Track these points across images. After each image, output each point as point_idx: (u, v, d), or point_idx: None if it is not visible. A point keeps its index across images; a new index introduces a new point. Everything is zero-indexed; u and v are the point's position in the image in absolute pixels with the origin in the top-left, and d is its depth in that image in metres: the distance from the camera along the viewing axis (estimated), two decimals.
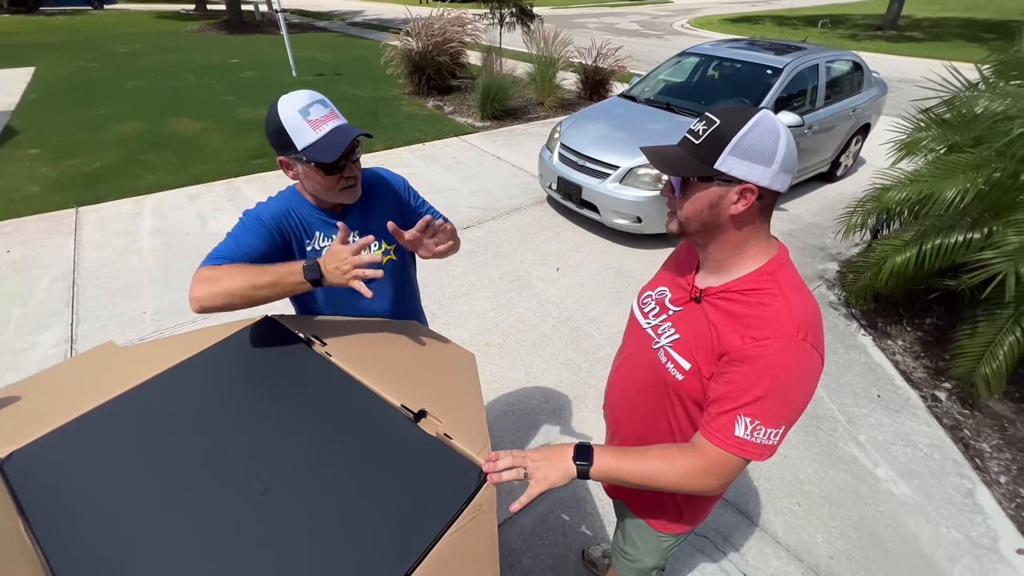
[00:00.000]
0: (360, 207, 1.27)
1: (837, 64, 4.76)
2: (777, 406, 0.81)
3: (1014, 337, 2.18)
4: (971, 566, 1.90)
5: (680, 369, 0.93)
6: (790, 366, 0.80)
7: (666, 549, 1.24)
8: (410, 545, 0.76)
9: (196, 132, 6.23)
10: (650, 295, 1.09)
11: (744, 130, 0.79)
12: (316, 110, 1.07)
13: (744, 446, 0.82)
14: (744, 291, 0.88)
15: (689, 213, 0.88)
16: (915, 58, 11.64)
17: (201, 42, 12.84)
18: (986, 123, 2.47)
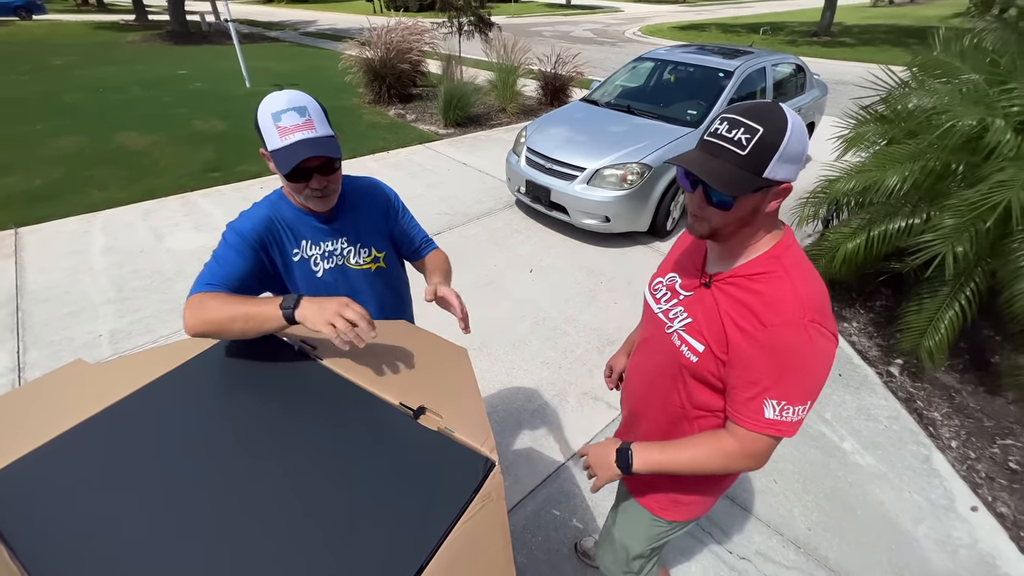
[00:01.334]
0: (350, 213, 1.27)
1: (782, 67, 5.05)
2: (799, 385, 0.86)
3: (953, 312, 2.37)
4: (933, 526, 2.04)
5: (694, 351, 0.97)
6: (803, 348, 0.84)
7: (656, 536, 1.26)
8: (423, 538, 0.76)
9: (146, 146, 5.95)
10: (661, 281, 1.12)
11: (787, 136, 0.78)
12: (288, 118, 1.05)
13: (776, 425, 0.87)
14: (751, 275, 0.90)
15: (730, 221, 0.87)
16: (848, 62, 12.47)
17: (144, 53, 12.28)
18: (919, 118, 2.69)
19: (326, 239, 1.25)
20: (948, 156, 2.48)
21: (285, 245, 1.22)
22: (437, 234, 4.16)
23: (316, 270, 1.25)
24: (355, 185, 1.31)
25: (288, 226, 1.22)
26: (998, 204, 2.10)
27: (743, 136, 0.80)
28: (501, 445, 2.33)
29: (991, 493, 2.18)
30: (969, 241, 2.24)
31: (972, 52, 2.74)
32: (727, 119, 0.83)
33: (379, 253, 1.32)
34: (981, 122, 2.32)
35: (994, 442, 2.40)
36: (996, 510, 2.11)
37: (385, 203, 1.34)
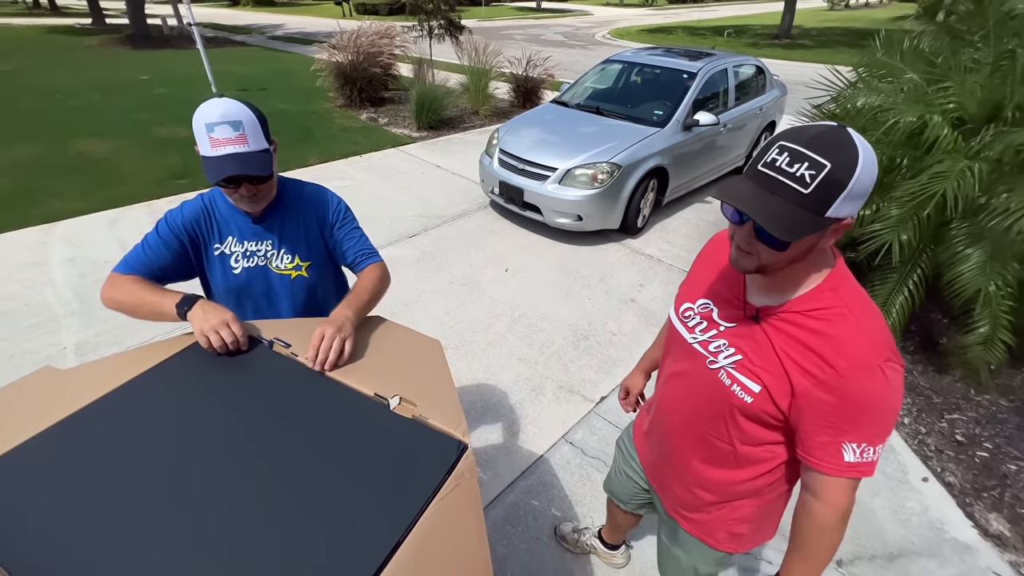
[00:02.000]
0: (280, 215, 1.29)
1: (743, 68, 5.25)
2: (877, 427, 0.82)
3: (903, 296, 2.53)
4: (888, 497, 2.17)
5: (748, 392, 0.90)
6: (879, 390, 0.80)
7: (721, 560, 1.23)
8: (400, 516, 0.80)
9: (107, 153, 5.77)
10: (691, 307, 1.04)
11: (857, 172, 0.70)
12: (221, 131, 1.07)
13: (857, 467, 0.83)
14: (808, 312, 0.84)
15: (781, 259, 0.80)
16: (807, 63, 12.97)
17: (103, 58, 11.87)
18: (867, 115, 2.85)
19: (251, 238, 1.28)
20: (893, 151, 2.64)
21: (208, 238, 1.27)
22: (412, 236, 4.17)
23: (235, 267, 1.29)
24: (298, 191, 1.32)
25: (218, 220, 1.27)
26: (935, 194, 2.26)
27: (807, 172, 0.70)
28: (480, 440, 2.37)
29: (940, 464, 2.33)
30: (913, 229, 2.40)
31: (911, 53, 2.93)
32: (788, 149, 0.72)
33: (303, 262, 1.33)
34: (920, 119, 2.48)
35: (942, 417, 2.56)
36: (944, 480, 2.26)
37: (323, 212, 1.33)
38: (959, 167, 2.25)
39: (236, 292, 1.31)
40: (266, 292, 1.33)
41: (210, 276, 1.30)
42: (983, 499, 2.17)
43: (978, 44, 2.68)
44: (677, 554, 1.28)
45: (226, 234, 1.27)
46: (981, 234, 2.34)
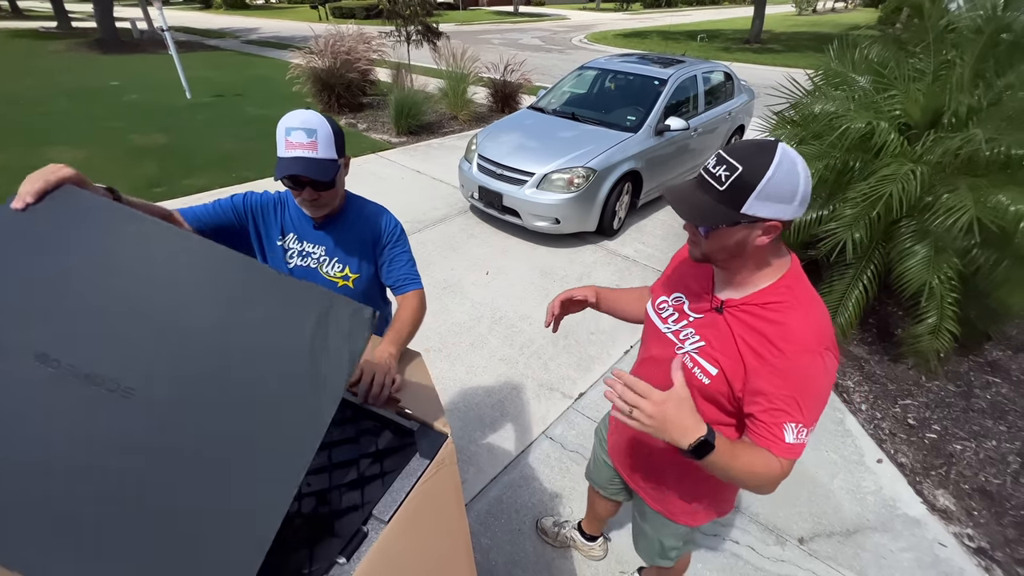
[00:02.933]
0: (340, 227, 1.39)
1: (712, 74, 5.45)
2: (812, 408, 0.91)
3: (859, 291, 2.71)
4: (846, 478, 2.33)
5: (707, 374, 1.00)
6: (818, 375, 0.89)
7: (684, 535, 1.33)
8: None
9: (79, 162, 5.67)
10: (666, 300, 1.15)
11: (767, 176, 0.81)
12: (296, 136, 1.17)
13: (794, 449, 0.90)
14: (765, 304, 0.94)
15: (715, 248, 0.93)
16: (776, 67, 13.42)
17: (71, 63, 11.59)
18: (823, 121, 3.03)
19: (310, 241, 1.40)
20: (846, 155, 2.82)
21: (272, 228, 1.39)
22: None
23: (289, 262, 1.40)
24: (361, 208, 1.43)
25: (289, 215, 1.39)
26: (883, 195, 2.43)
27: (723, 172, 0.85)
28: (464, 438, 2.45)
29: (893, 447, 2.50)
30: (865, 228, 2.58)
31: (862, 62, 3.12)
32: (718, 155, 0.88)
33: (352, 273, 1.42)
34: (869, 125, 2.67)
35: (896, 403, 2.74)
36: (897, 461, 2.43)
37: (378, 232, 1.41)
38: (904, 170, 2.43)
39: None
40: None
41: (267, 261, 1.41)
42: (931, 477, 2.34)
43: (919, 55, 2.89)
44: (646, 529, 1.40)
45: (289, 230, 1.39)
46: (926, 231, 2.53)
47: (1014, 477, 2.34)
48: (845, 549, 2.04)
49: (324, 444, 0.97)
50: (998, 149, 2.36)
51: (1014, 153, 2.38)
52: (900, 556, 2.02)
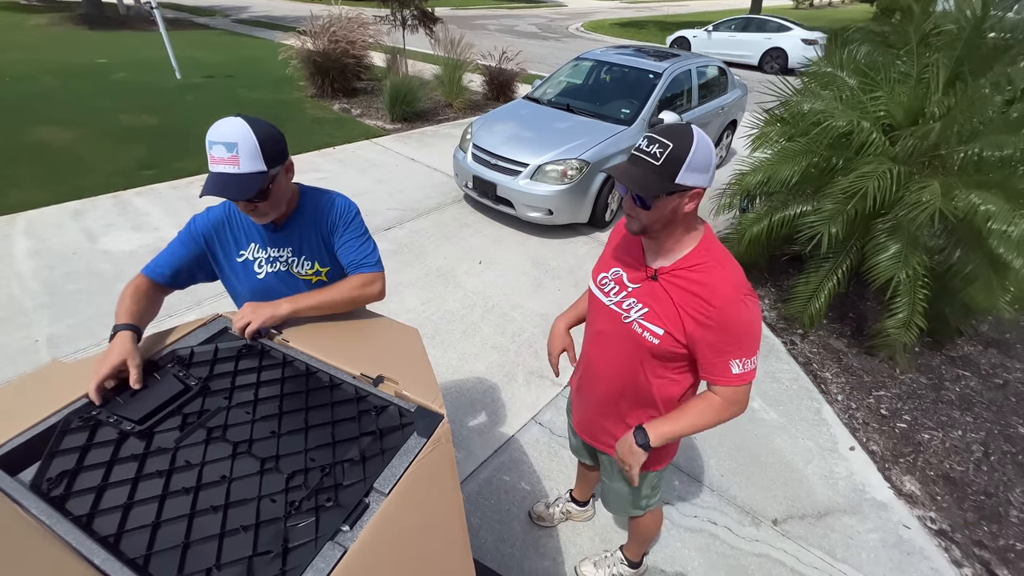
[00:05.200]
0: (299, 224, 1.36)
1: (706, 69, 5.49)
2: (749, 343, 1.12)
3: (832, 283, 2.83)
4: (820, 464, 2.45)
5: (655, 335, 1.17)
6: (744, 316, 1.10)
7: (653, 482, 1.52)
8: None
9: (68, 142, 5.59)
10: (606, 276, 1.29)
11: (692, 150, 1.00)
12: (217, 151, 1.12)
13: (744, 376, 1.13)
14: (690, 267, 1.13)
15: (655, 218, 1.09)
16: None
17: (54, 39, 11.28)
18: (810, 119, 3.10)
19: (273, 245, 1.36)
20: (829, 152, 2.91)
21: (229, 245, 1.34)
22: (388, 229, 4.26)
23: (259, 272, 1.36)
24: (316, 200, 1.38)
25: (241, 227, 1.35)
26: (858, 191, 2.53)
27: (657, 150, 1.02)
28: (456, 423, 2.53)
29: (865, 435, 2.62)
30: (843, 223, 2.68)
31: (850, 62, 3.19)
32: (648, 136, 1.05)
33: (322, 268, 1.39)
34: (849, 124, 2.75)
35: (871, 394, 2.86)
36: (869, 448, 2.55)
37: (330, 221, 1.37)
38: (881, 168, 2.52)
39: (262, 294, 1.35)
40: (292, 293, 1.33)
41: (234, 280, 1.38)
42: (899, 464, 2.47)
43: (903, 57, 2.97)
44: (614, 486, 1.55)
45: (248, 241, 1.34)
46: (899, 228, 2.63)
47: (976, 465, 2.47)
48: (816, 530, 2.16)
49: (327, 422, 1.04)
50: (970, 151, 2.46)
51: (986, 155, 2.48)
52: (867, 537, 2.14)
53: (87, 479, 0.87)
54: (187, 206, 4.44)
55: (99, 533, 0.79)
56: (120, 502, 0.84)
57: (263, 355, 1.18)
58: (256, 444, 0.97)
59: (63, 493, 0.85)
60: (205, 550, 0.79)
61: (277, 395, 1.08)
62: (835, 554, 2.07)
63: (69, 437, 0.94)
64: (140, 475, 0.88)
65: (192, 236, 1.32)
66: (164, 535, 0.80)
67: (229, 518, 0.84)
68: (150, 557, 0.77)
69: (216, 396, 1.05)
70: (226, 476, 0.90)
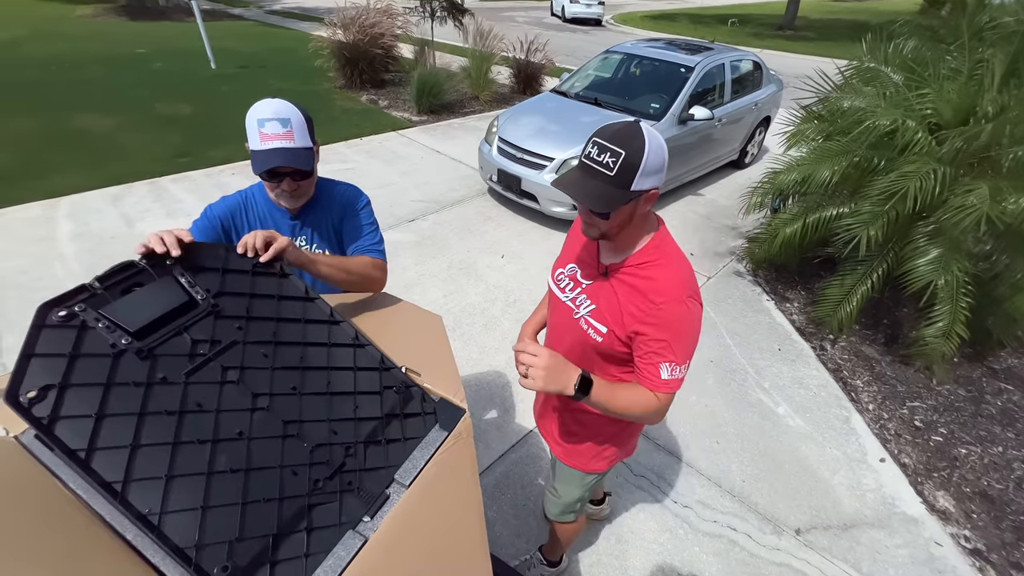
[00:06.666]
0: (315, 213, 1.38)
1: (740, 63, 5.33)
2: (683, 347, 1.06)
3: (865, 287, 2.72)
4: (847, 475, 2.37)
5: (599, 332, 1.15)
6: (684, 318, 1.05)
7: (588, 485, 1.49)
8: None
9: (108, 129, 5.79)
10: (562, 272, 1.28)
11: (645, 155, 0.95)
12: (271, 127, 1.16)
13: (670, 383, 1.07)
14: (640, 264, 1.10)
15: (614, 226, 1.06)
16: (808, 56, 12.99)
17: (98, 29, 11.68)
18: (852, 117, 2.98)
19: (288, 234, 1.37)
20: (870, 152, 2.78)
21: (245, 231, 1.33)
22: (412, 221, 4.29)
23: None
24: (332, 190, 1.41)
25: (258, 215, 1.36)
26: (898, 191, 2.41)
27: (610, 160, 0.95)
28: (475, 417, 2.53)
29: (897, 447, 2.52)
30: (882, 225, 2.56)
31: (896, 57, 3.04)
32: (597, 143, 0.97)
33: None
34: (893, 123, 2.62)
35: (904, 404, 2.75)
36: (900, 461, 2.45)
37: (346, 210, 1.40)
38: (925, 169, 2.40)
39: None
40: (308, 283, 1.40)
41: None
42: (933, 479, 2.37)
43: (954, 52, 2.81)
44: (559, 488, 1.54)
45: (266, 226, 1.34)
46: (941, 232, 2.51)
47: (1017, 483, 2.35)
48: (841, 542, 2.09)
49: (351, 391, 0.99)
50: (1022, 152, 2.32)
51: None
52: (895, 552, 2.07)
53: (79, 401, 0.71)
54: (219, 193, 4.51)
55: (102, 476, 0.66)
56: (125, 441, 0.71)
57: (283, 280, 1.03)
58: (277, 399, 0.86)
59: (50, 415, 0.68)
60: (226, 517, 0.71)
61: (300, 341, 0.97)
62: (860, 568, 2.01)
63: (48, 336, 0.74)
64: (144, 409, 0.74)
65: (209, 222, 1.32)
66: (180, 491, 0.70)
67: (251, 484, 0.76)
68: (164, 515, 0.68)
69: (228, 322, 0.90)
70: (244, 433, 0.80)
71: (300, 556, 0.75)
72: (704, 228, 4.59)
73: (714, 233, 4.50)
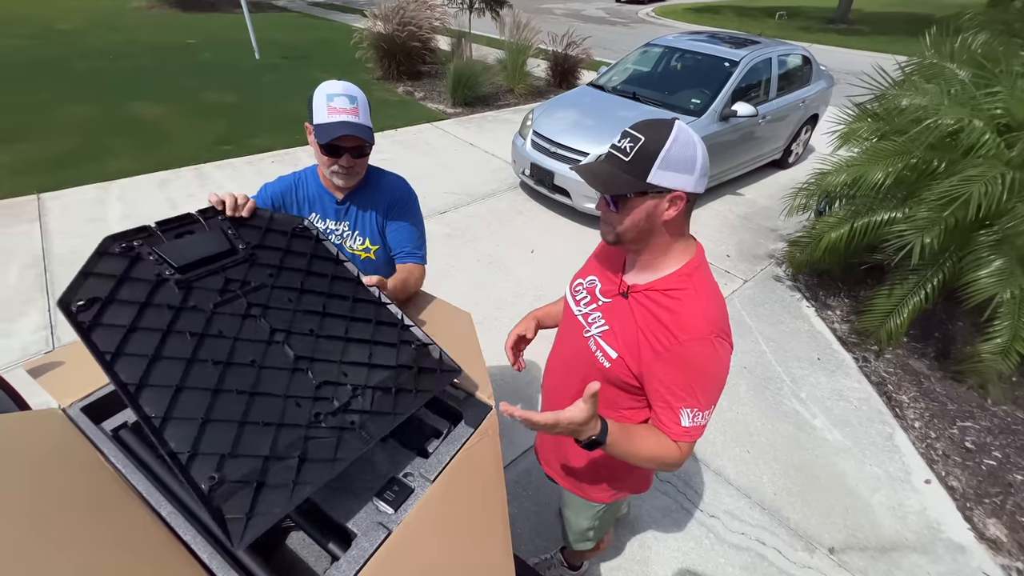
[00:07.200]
0: (360, 199, 1.41)
1: (788, 58, 5.09)
2: (708, 393, 0.95)
3: (918, 298, 2.55)
4: (888, 494, 2.25)
5: (608, 357, 1.04)
6: (709, 359, 0.93)
7: (595, 514, 1.40)
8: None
9: (158, 117, 6.05)
10: (581, 283, 1.18)
11: (668, 144, 0.87)
12: (339, 101, 1.23)
13: (691, 432, 0.96)
14: (666, 291, 0.98)
15: (628, 225, 0.95)
16: (863, 51, 12.33)
17: (151, 20, 12.21)
18: (910, 116, 2.79)
19: (333, 218, 1.42)
20: (929, 154, 2.60)
21: (294, 211, 1.41)
22: (443, 213, 4.30)
23: None
24: (380, 179, 1.45)
25: (307, 196, 1.42)
26: (960, 196, 2.24)
27: (627, 144, 0.90)
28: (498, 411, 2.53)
29: (945, 468, 2.37)
30: (939, 232, 2.39)
31: (963, 52, 2.83)
32: (624, 131, 0.93)
33: (372, 245, 1.45)
34: (958, 122, 2.44)
35: (954, 424, 2.59)
36: (948, 483, 2.31)
37: (392, 202, 1.43)
38: (992, 173, 2.22)
39: None
40: None
41: None
42: (984, 505, 2.22)
43: None
44: (567, 515, 1.47)
45: (310, 211, 1.41)
46: (1006, 239, 2.33)
47: None
48: (878, 565, 1.99)
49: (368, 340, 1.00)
50: None
51: None
52: None
53: (117, 314, 0.81)
54: (260, 180, 4.64)
55: (120, 377, 0.75)
56: (147, 351, 0.79)
57: (317, 243, 1.11)
58: (293, 337, 0.91)
59: (91, 321, 0.79)
60: (222, 433, 0.75)
61: (324, 292, 1.02)
62: None
63: (106, 261, 0.87)
64: (171, 328, 0.83)
65: (263, 199, 1.39)
66: (185, 402, 0.76)
67: (253, 407, 0.80)
68: (167, 421, 0.73)
69: (261, 269, 0.99)
70: (256, 361, 0.85)
71: (288, 484, 0.74)
72: (742, 229, 4.43)
73: (752, 234, 4.34)
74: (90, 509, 0.75)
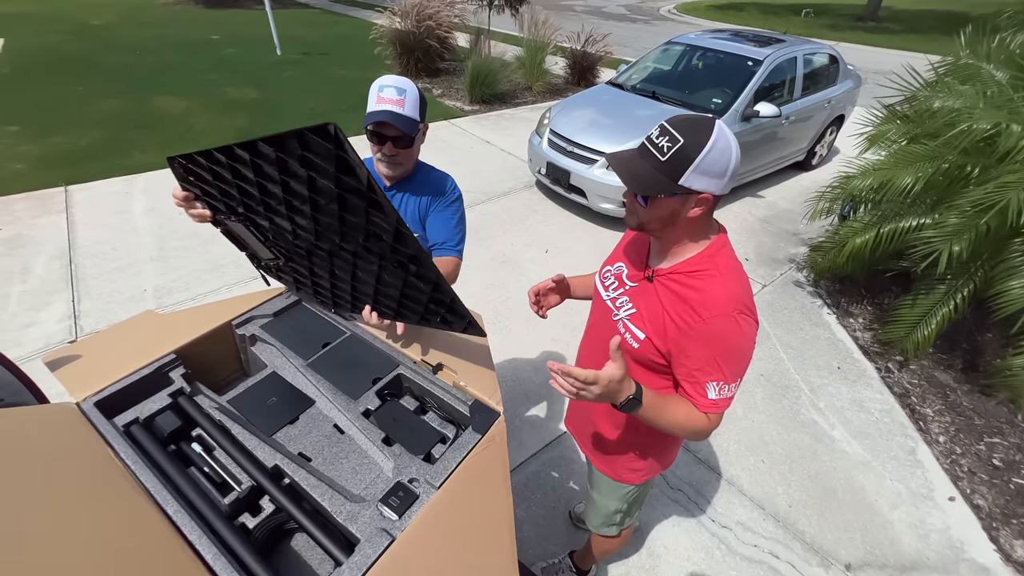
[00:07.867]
0: (407, 191, 1.46)
1: (814, 57, 4.96)
2: (733, 366, 0.98)
3: (948, 309, 2.45)
4: (909, 511, 2.17)
5: (636, 339, 1.08)
6: (733, 335, 0.96)
7: (625, 495, 1.41)
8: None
9: (182, 111, 6.16)
10: (609, 270, 1.22)
11: (706, 150, 0.86)
12: (388, 92, 1.28)
13: (718, 404, 0.99)
14: (689, 272, 1.01)
15: (652, 218, 0.98)
16: (893, 50, 11.97)
17: (177, 16, 12.44)
18: (942, 118, 2.69)
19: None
20: (963, 158, 2.50)
21: None
22: None
23: None
24: (427, 174, 1.49)
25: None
26: (996, 203, 2.15)
27: (665, 143, 0.89)
28: (509, 413, 2.52)
29: (971, 486, 2.29)
30: (969, 240, 2.30)
31: (1001, 52, 2.71)
32: (662, 126, 0.91)
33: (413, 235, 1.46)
34: (996, 126, 2.33)
35: (981, 440, 2.49)
36: (973, 502, 2.22)
37: (435, 195, 1.47)
38: None
39: None
40: None
41: None
42: (1011, 525, 2.13)
43: None
44: (595, 497, 1.49)
45: None
46: None
47: None
48: None
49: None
50: None
51: None
52: None
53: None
54: None
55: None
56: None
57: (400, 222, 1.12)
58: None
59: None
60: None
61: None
62: None
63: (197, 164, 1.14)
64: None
65: None
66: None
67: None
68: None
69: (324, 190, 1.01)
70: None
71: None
72: (762, 232, 4.34)
73: (772, 238, 4.24)
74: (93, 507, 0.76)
